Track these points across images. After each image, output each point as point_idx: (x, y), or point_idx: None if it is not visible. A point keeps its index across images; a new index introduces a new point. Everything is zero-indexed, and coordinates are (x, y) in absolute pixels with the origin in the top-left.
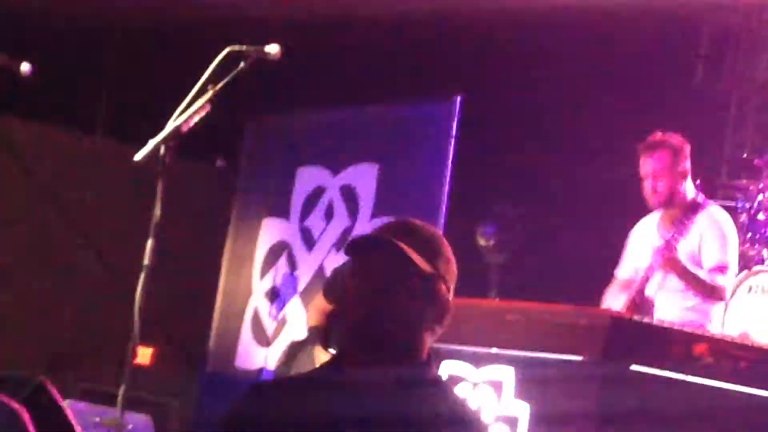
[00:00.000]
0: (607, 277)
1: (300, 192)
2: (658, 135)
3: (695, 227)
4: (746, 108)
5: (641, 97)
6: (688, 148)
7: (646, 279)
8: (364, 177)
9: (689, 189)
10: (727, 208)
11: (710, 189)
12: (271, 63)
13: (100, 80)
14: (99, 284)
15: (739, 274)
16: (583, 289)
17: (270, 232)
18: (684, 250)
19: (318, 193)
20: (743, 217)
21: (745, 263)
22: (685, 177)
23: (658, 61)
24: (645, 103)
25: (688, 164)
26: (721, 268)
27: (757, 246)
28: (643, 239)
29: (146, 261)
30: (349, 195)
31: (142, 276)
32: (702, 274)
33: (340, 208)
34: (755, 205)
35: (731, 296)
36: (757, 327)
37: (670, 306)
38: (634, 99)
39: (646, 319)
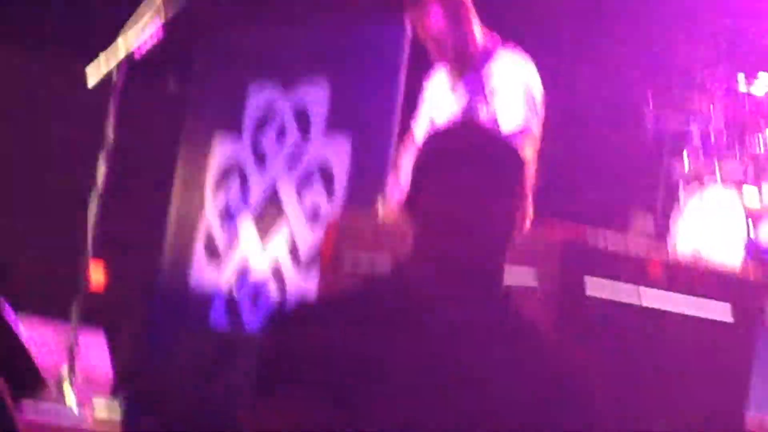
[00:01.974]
0: None
1: (252, 109)
2: None
3: (490, 81)
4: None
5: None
6: None
7: None
8: (314, 93)
9: (477, 31)
10: (679, 123)
11: (664, 100)
12: None
13: None
14: (53, 205)
15: (690, 187)
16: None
17: (222, 151)
18: (484, 115)
19: (270, 110)
20: (695, 133)
21: (697, 177)
22: (470, 20)
23: None
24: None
25: (469, 5)
26: (525, 133)
27: (709, 161)
28: (441, 98)
29: (99, 182)
30: (301, 112)
31: (95, 195)
32: None
33: (292, 125)
34: (707, 120)
35: (683, 210)
36: (709, 243)
37: None
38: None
39: (600, 242)
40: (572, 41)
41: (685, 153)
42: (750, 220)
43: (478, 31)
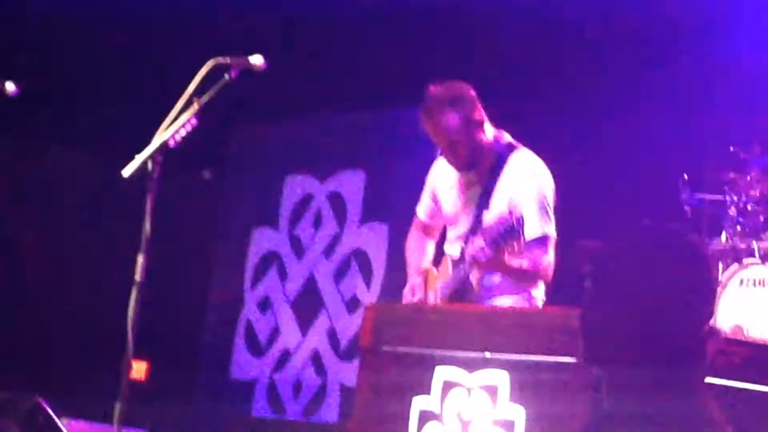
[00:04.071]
0: None
1: (288, 200)
2: (435, 89)
3: (502, 183)
4: (732, 100)
5: (625, 92)
6: (471, 91)
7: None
8: (350, 183)
9: (489, 135)
10: (715, 202)
11: (698, 182)
12: (256, 73)
13: (87, 95)
14: (92, 301)
15: (730, 266)
16: None
17: (259, 241)
18: (492, 217)
19: (306, 200)
20: (732, 210)
21: (736, 256)
22: (481, 126)
23: (639, 53)
24: (629, 97)
25: (480, 109)
26: (544, 240)
27: (746, 239)
28: (448, 191)
29: (137, 276)
30: (337, 202)
31: (134, 291)
32: (525, 263)
33: (328, 215)
34: (743, 197)
35: (722, 289)
36: (750, 320)
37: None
38: (617, 93)
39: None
40: (607, 125)
41: (723, 231)
42: None
43: (491, 133)
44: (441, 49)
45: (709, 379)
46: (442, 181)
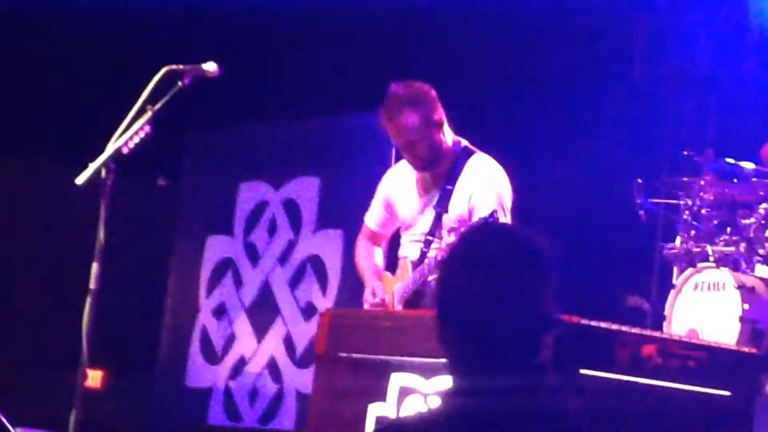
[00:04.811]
0: None
1: (243, 207)
2: (396, 88)
3: (461, 186)
4: (685, 104)
5: (578, 97)
6: (432, 92)
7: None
8: (305, 190)
9: (448, 138)
10: (669, 207)
11: (652, 187)
12: (209, 79)
13: (40, 103)
14: (47, 309)
15: (684, 271)
16: None
17: (214, 248)
18: (452, 216)
19: (260, 207)
20: (686, 215)
21: (691, 260)
22: (441, 126)
23: (593, 58)
24: (583, 102)
25: (440, 110)
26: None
27: (701, 243)
28: (405, 195)
29: (92, 285)
30: (292, 209)
31: (89, 299)
32: None
33: (283, 222)
34: (697, 201)
35: (677, 294)
36: (705, 324)
37: None
38: (571, 98)
39: (593, 323)
40: (562, 130)
41: (677, 236)
42: (743, 297)
43: (450, 136)
44: (396, 55)
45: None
46: (398, 187)
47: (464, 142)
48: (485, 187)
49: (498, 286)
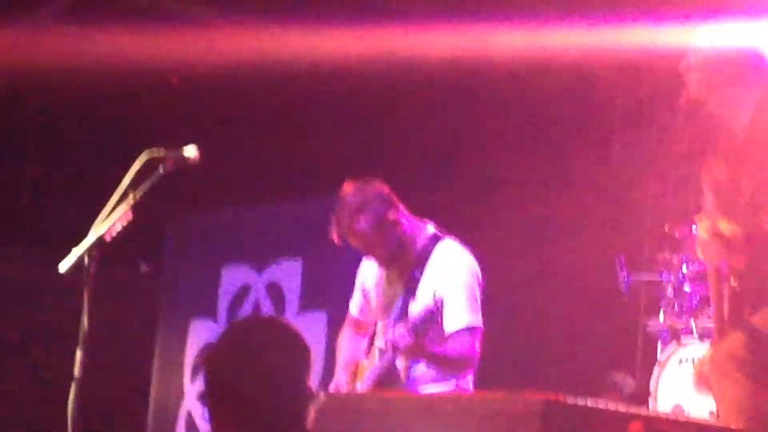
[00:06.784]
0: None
1: (226, 292)
2: (344, 194)
3: (428, 274)
4: (665, 181)
5: (558, 173)
6: (384, 188)
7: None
8: (288, 272)
9: (409, 230)
10: (652, 282)
11: (634, 263)
12: (190, 164)
13: (21, 190)
14: (31, 398)
15: (668, 346)
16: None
17: (198, 333)
18: (417, 306)
19: (244, 291)
20: (669, 290)
21: (674, 335)
22: (398, 224)
23: (571, 135)
24: (562, 178)
25: (395, 207)
26: (470, 331)
27: (684, 317)
28: (376, 284)
29: (76, 372)
30: (275, 292)
31: (73, 388)
32: (449, 351)
33: (267, 306)
34: (680, 276)
35: (662, 369)
36: (690, 399)
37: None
38: (550, 175)
39: (580, 401)
40: (539, 209)
41: (661, 311)
42: None
43: (412, 227)
44: (374, 137)
45: None
46: (369, 277)
47: (430, 229)
48: (452, 275)
49: (269, 368)
